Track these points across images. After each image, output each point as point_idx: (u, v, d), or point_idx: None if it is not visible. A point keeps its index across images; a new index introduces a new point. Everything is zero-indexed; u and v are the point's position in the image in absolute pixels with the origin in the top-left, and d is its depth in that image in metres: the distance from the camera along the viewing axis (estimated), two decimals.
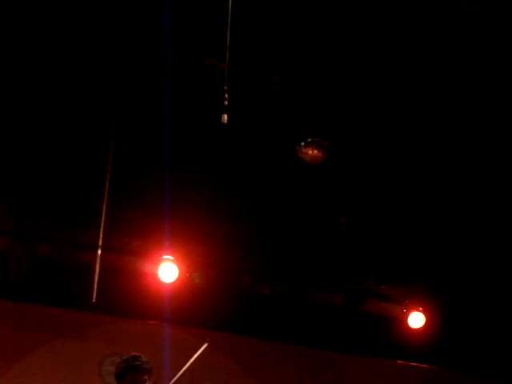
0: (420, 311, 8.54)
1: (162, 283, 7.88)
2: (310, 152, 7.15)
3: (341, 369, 8.82)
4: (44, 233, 8.01)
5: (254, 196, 8.00)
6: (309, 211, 8.20)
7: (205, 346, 5.12)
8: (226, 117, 6.02)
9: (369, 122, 7.17)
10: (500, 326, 8.88)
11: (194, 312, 8.15)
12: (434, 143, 7.31)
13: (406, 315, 8.58)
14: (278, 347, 8.87)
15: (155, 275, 7.89)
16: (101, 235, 7.40)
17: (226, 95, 5.95)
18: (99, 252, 7.46)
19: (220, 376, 8.49)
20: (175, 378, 5.07)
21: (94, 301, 7.35)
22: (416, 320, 8.55)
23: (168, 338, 6.38)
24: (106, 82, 6.77)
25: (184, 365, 5.16)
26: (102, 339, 8.17)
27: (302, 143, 7.14)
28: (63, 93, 6.89)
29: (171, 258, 7.86)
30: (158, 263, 7.87)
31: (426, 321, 8.53)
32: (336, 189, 7.89)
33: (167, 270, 7.87)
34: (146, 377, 5.00)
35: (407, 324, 8.59)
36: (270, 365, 8.78)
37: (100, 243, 7.45)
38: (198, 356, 5.15)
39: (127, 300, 7.97)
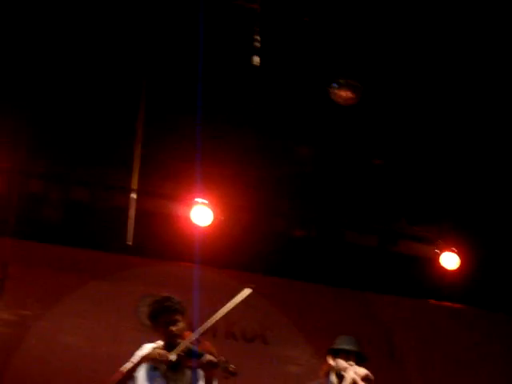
0: (453, 251, 8.54)
1: (195, 226, 7.93)
2: (343, 94, 7.09)
3: (375, 309, 8.87)
4: (78, 177, 8.06)
5: (288, 138, 7.97)
6: (342, 153, 8.17)
7: (248, 291, 5.12)
8: (257, 59, 5.98)
9: (402, 62, 7.08)
10: None
11: (228, 255, 8.21)
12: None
13: (439, 256, 8.59)
14: (312, 289, 8.93)
15: (188, 218, 7.94)
16: (134, 178, 7.44)
17: (258, 37, 5.89)
18: (133, 195, 7.51)
19: (255, 317, 8.59)
20: (212, 320, 5.09)
21: (130, 243, 7.42)
22: (449, 260, 8.55)
23: (202, 280, 6.42)
24: (138, 25, 6.72)
25: (221, 307, 5.18)
26: (138, 281, 8.27)
27: (335, 84, 7.07)
28: (97, 35, 6.86)
29: (204, 201, 7.90)
30: (191, 206, 7.92)
31: (460, 261, 8.53)
32: (368, 131, 7.84)
33: (200, 213, 7.92)
34: (178, 316, 5.08)
35: (440, 264, 8.60)
36: (305, 306, 8.85)
37: (134, 186, 7.50)
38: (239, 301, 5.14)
39: (161, 243, 8.05)
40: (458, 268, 8.57)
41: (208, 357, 4.80)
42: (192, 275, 6.82)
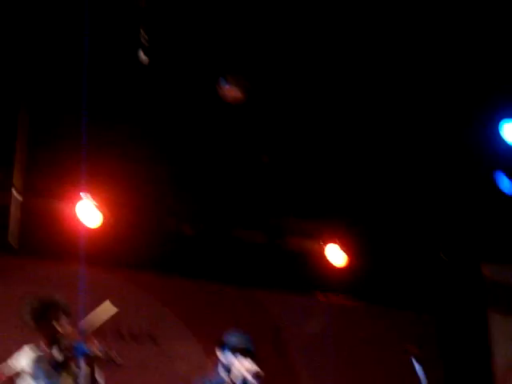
0: (340, 247, 8.72)
1: (82, 225, 7.80)
2: (230, 91, 7.12)
3: (262, 305, 8.96)
4: None
5: (177, 135, 7.93)
6: (229, 150, 8.20)
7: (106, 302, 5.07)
8: (144, 56, 5.93)
9: (289, 59, 7.14)
10: (423, 260, 9.13)
11: (116, 254, 8.13)
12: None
13: (326, 251, 8.75)
14: (202, 286, 8.95)
15: (75, 217, 7.81)
16: (17, 177, 7.27)
17: (144, 33, 5.84)
18: (16, 194, 7.33)
19: (143, 315, 8.54)
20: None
21: (13, 244, 7.25)
22: (336, 256, 8.72)
23: (88, 280, 6.33)
24: (20, 21, 6.55)
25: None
26: (23, 282, 8.06)
27: (223, 82, 7.09)
28: None
29: (92, 200, 7.79)
30: (77, 205, 7.79)
31: (347, 256, 8.72)
32: (255, 128, 7.89)
33: (88, 213, 7.80)
34: (63, 316, 5.02)
35: (327, 260, 8.76)
36: (194, 303, 8.85)
37: (17, 185, 7.32)
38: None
39: (47, 243, 7.87)
40: (346, 263, 8.75)
41: (92, 352, 4.75)
42: (78, 275, 6.71)
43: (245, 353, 5.19)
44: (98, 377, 4.92)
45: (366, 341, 9.42)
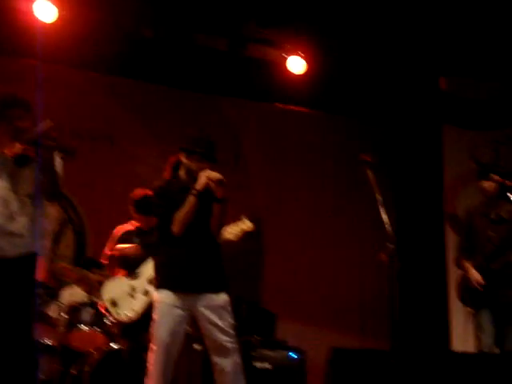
0: (300, 56, 8.64)
1: (39, 22, 7.58)
2: None
3: (222, 112, 8.99)
4: None
5: None
6: None
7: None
8: None
9: None
10: (383, 73, 9.11)
11: (73, 52, 7.96)
12: None
13: (287, 60, 8.68)
14: (162, 91, 8.91)
15: (31, 13, 7.57)
16: None
17: None
18: None
19: (102, 117, 8.53)
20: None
21: None
22: (296, 64, 8.67)
23: (46, 78, 6.22)
24: None
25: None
26: None
27: None
28: None
29: None
30: (33, 1, 7.54)
31: (306, 65, 8.66)
32: None
33: (44, 8, 7.55)
34: (23, 112, 4.96)
35: (287, 69, 8.72)
36: (153, 107, 8.86)
37: None
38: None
39: (1, 38, 7.70)
40: (305, 72, 8.71)
41: (48, 142, 4.73)
42: (35, 72, 6.59)
43: (209, 160, 5.16)
44: (58, 167, 4.91)
45: (321, 149, 9.58)
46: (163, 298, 5.03)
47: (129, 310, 6.24)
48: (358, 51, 8.75)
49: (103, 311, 6.45)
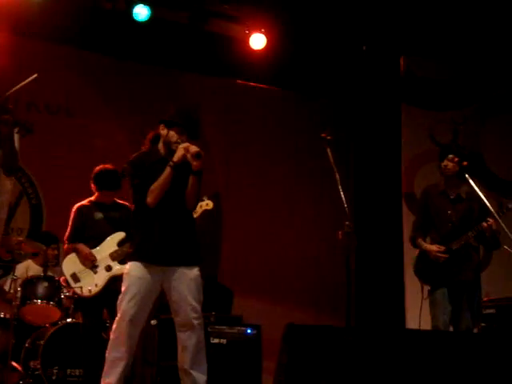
0: (262, 32, 8.63)
1: None
2: None
3: (182, 87, 8.91)
4: None
5: None
6: None
7: (34, 76, 4.87)
8: None
9: None
10: (344, 51, 9.11)
11: (33, 24, 7.85)
12: None
13: (248, 36, 8.65)
14: (121, 64, 8.81)
15: None
16: None
17: None
18: None
19: (59, 89, 8.42)
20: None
21: None
22: (257, 41, 8.65)
23: (3, 47, 6.12)
24: None
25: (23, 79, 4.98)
26: None
27: None
28: None
29: None
30: None
31: (267, 42, 8.65)
32: None
33: None
34: None
35: (249, 45, 8.69)
36: (111, 81, 8.79)
37: None
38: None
39: None
40: (266, 49, 8.70)
41: (5, 117, 4.65)
42: None
43: (189, 133, 5.07)
44: (16, 142, 4.83)
45: (282, 125, 9.58)
46: (133, 270, 4.98)
47: (91, 285, 6.21)
48: (318, 28, 8.75)
49: (64, 285, 6.40)
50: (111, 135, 8.52)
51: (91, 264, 6.26)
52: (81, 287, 6.19)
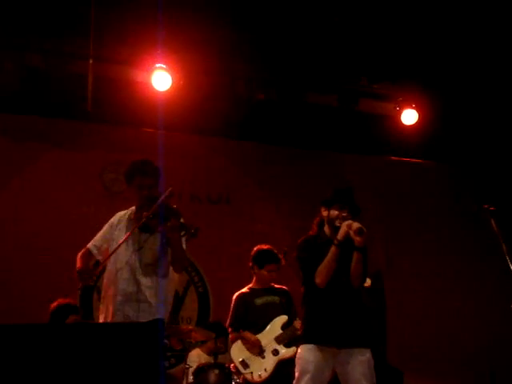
0: (413, 108, 8.62)
1: (155, 91, 7.84)
2: None
3: (337, 168, 8.99)
4: (33, 44, 7.76)
5: (248, 4, 7.74)
6: (301, 13, 7.99)
7: (170, 189, 5.03)
8: None
9: None
10: (494, 121, 8.96)
11: (189, 119, 8.20)
12: None
13: (399, 113, 8.67)
14: (275, 150, 9.04)
15: (148, 83, 7.85)
16: (91, 44, 7.27)
17: None
18: (91, 61, 7.39)
19: (219, 180, 8.70)
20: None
21: (89, 109, 7.36)
22: (409, 117, 8.64)
23: (165, 145, 6.40)
24: None
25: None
26: (100, 148, 8.28)
27: None
28: None
29: (164, 66, 7.78)
30: (150, 71, 7.81)
31: (419, 117, 8.63)
32: None
33: (160, 78, 7.82)
34: (152, 181, 5.07)
35: (400, 121, 8.69)
36: (268, 167, 8.98)
37: (91, 52, 7.35)
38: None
39: (121, 109, 7.97)
40: (418, 124, 8.67)
41: (172, 221, 4.82)
42: (155, 141, 6.81)
43: (350, 210, 5.08)
44: (183, 243, 5.00)
45: (436, 198, 9.43)
46: (305, 353, 5.00)
47: (261, 370, 6.28)
48: (466, 101, 8.68)
49: (233, 371, 6.48)
50: (268, 220, 8.67)
51: (258, 350, 6.34)
52: (251, 373, 6.27)
